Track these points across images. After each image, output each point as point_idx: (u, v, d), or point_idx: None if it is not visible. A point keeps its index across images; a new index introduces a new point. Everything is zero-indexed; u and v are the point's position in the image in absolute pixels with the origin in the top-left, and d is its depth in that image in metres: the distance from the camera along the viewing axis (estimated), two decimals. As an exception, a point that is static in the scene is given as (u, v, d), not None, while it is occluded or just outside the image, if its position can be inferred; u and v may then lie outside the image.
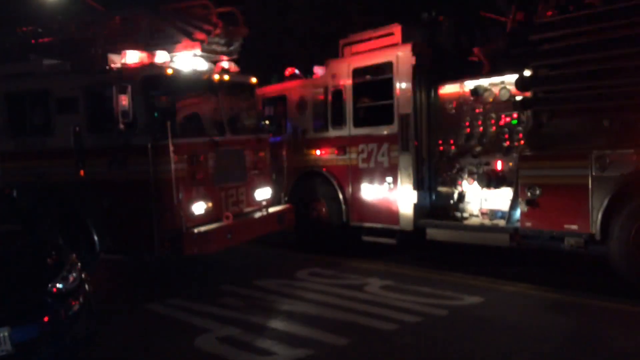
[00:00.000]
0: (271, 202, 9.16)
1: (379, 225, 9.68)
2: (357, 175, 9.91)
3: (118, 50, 7.77)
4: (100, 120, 7.89)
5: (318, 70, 10.78)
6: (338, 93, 10.14)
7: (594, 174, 7.27)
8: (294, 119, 10.70)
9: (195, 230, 7.54)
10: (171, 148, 7.30)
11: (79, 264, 5.58)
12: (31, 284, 5.03)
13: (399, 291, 7.44)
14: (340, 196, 10.09)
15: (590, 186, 7.29)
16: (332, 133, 10.22)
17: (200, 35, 8.11)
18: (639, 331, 5.85)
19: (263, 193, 9.04)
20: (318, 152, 10.43)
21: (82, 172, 7.90)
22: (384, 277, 8.16)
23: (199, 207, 7.78)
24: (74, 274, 5.35)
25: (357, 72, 9.90)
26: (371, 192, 9.74)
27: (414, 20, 9.80)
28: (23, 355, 4.57)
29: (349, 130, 10.00)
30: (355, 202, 9.95)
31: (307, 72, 11.04)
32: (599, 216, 7.22)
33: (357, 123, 9.92)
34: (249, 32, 8.89)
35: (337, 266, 8.96)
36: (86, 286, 5.45)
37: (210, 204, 7.94)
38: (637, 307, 6.50)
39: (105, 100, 7.60)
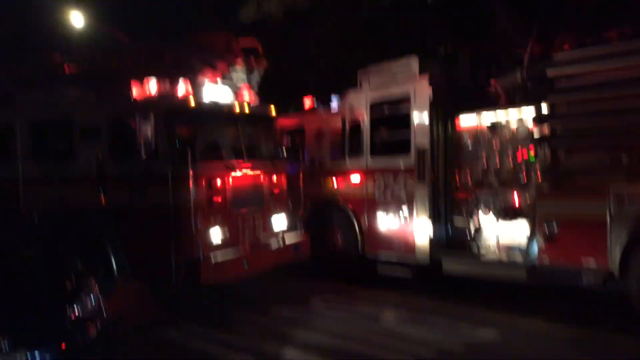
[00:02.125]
0: (288, 231, 9.19)
1: (394, 257, 9.66)
2: (373, 206, 9.92)
3: (142, 81, 7.94)
4: (122, 149, 8.03)
5: (335, 101, 10.93)
6: (355, 124, 10.23)
7: (612, 210, 7.21)
8: (312, 149, 10.79)
9: (213, 260, 7.57)
10: (190, 174, 7.39)
11: (98, 289, 5.64)
12: (50, 308, 5.07)
13: (413, 323, 7.45)
14: (356, 227, 10.10)
15: (608, 222, 7.21)
16: (349, 164, 10.28)
17: (222, 66, 8.28)
18: None
19: (280, 221, 9.10)
20: (335, 182, 10.49)
21: (102, 199, 8.02)
22: (400, 307, 8.17)
23: (216, 235, 7.83)
24: (93, 299, 5.41)
25: (375, 104, 9.98)
26: (387, 223, 9.73)
27: (430, 52, 9.90)
28: (42, 380, 4.62)
29: (366, 161, 10.06)
30: (371, 233, 9.95)
31: (325, 103, 11.18)
32: (618, 253, 7.13)
33: (374, 154, 9.97)
34: (269, 64, 9.05)
35: (352, 295, 8.96)
36: (104, 312, 5.50)
37: (227, 233, 7.99)
38: None
39: (127, 129, 7.77)
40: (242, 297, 9.07)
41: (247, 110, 8.65)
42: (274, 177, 9.08)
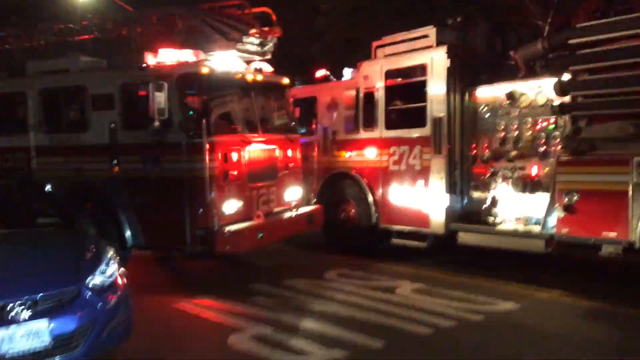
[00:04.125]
0: (301, 203, 9.09)
1: (409, 228, 9.56)
2: (387, 177, 9.81)
3: (154, 49, 7.78)
4: (136, 118, 7.94)
5: (348, 73, 10.76)
6: (370, 95, 10.06)
7: (635, 180, 7.05)
8: (325, 120, 10.65)
9: (227, 229, 7.51)
10: (206, 146, 7.29)
11: (117, 257, 5.57)
12: (70, 277, 5.00)
13: (431, 294, 7.36)
14: (370, 198, 9.99)
15: (631, 193, 7.06)
16: (363, 135, 10.14)
17: (236, 35, 8.11)
18: None
19: (293, 193, 9.00)
20: (348, 153, 10.36)
21: (116, 168, 7.93)
22: (415, 280, 8.06)
23: (231, 206, 7.77)
24: (113, 268, 5.35)
25: (390, 74, 9.81)
26: (402, 194, 9.61)
27: (445, 23, 9.67)
28: (61, 348, 4.56)
29: (380, 132, 9.91)
30: (385, 205, 9.85)
31: (335, 74, 11.01)
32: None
33: (389, 125, 9.83)
34: (282, 33, 8.86)
35: (366, 268, 8.88)
36: (124, 280, 5.44)
37: (241, 203, 7.92)
38: None
39: (141, 98, 7.65)
40: (255, 270, 9.04)
41: (260, 80, 8.50)
42: (289, 150, 8.97)
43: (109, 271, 5.29)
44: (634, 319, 6.43)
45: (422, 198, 9.31)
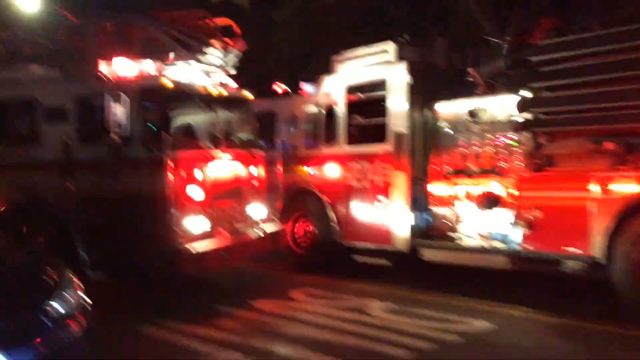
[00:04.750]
0: (266, 220, 8.82)
1: (372, 245, 9.46)
2: (348, 193, 9.68)
3: (110, 59, 7.39)
4: (92, 131, 7.50)
5: (307, 87, 10.63)
6: (330, 110, 9.96)
7: (595, 196, 7.15)
8: (285, 135, 10.45)
9: (192, 249, 7.16)
10: (168, 160, 6.94)
11: (77, 281, 5.16)
12: (26, 303, 4.59)
13: (403, 314, 7.17)
14: (331, 214, 9.84)
15: (592, 209, 7.16)
16: (324, 150, 10.01)
17: (198, 47, 7.81)
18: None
19: (257, 210, 8.72)
20: (309, 169, 10.20)
21: (70, 186, 7.44)
22: (384, 298, 7.88)
23: (194, 224, 7.40)
24: (72, 293, 4.94)
25: (351, 90, 9.75)
26: (364, 211, 9.51)
27: (396, 39, 9.68)
28: (17, 382, 4.14)
29: (341, 147, 9.81)
30: (347, 221, 9.71)
31: (291, 89, 10.88)
32: (602, 239, 7.09)
33: (350, 140, 9.74)
34: (247, 45, 8.62)
35: (332, 287, 8.65)
36: (85, 305, 5.04)
37: (205, 221, 7.58)
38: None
39: (97, 111, 7.24)
40: (219, 290, 8.67)
41: (224, 94, 8.22)
42: (253, 166, 8.68)
43: (68, 296, 4.89)
44: (607, 333, 6.46)
45: (385, 214, 9.23)
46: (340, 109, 9.81)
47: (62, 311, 4.69)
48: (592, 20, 7.96)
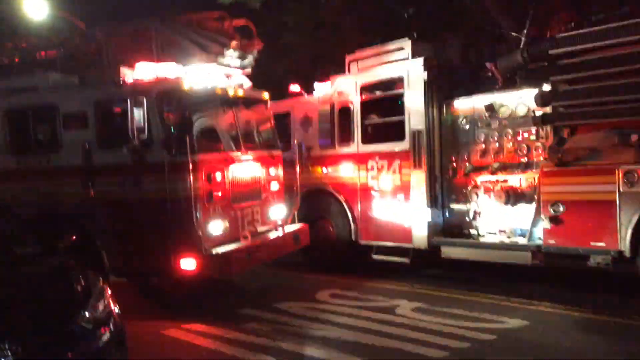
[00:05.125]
0: (285, 221, 8.74)
1: (390, 244, 9.37)
2: (366, 192, 9.61)
3: (129, 64, 7.32)
4: (112, 137, 7.45)
5: (320, 87, 10.56)
6: (345, 109, 9.89)
7: (621, 189, 7.06)
8: (299, 136, 10.37)
9: (215, 252, 7.09)
10: (190, 163, 6.86)
11: (107, 288, 5.11)
12: (59, 313, 4.54)
13: (433, 314, 7.09)
14: (349, 214, 9.79)
15: (618, 202, 7.08)
16: (339, 150, 9.93)
17: (216, 49, 7.74)
18: None
19: (278, 211, 8.65)
20: (324, 169, 10.12)
21: (91, 191, 7.37)
22: (411, 298, 7.81)
23: (217, 227, 7.34)
24: (104, 301, 4.92)
25: (365, 88, 9.68)
26: (382, 210, 9.44)
27: (417, 36, 9.60)
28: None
29: (357, 147, 9.73)
30: (364, 220, 9.65)
31: (305, 91, 10.81)
32: (629, 233, 7.00)
33: (366, 140, 9.67)
34: (263, 45, 8.54)
35: (357, 287, 8.59)
36: (116, 312, 5.00)
37: (227, 224, 7.52)
38: None
39: (117, 116, 7.20)
40: (243, 293, 8.62)
41: (242, 95, 8.16)
42: (272, 167, 8.63)
43: (100, 305, 4.86)
44: (636, 329, 6.39)
45: (403, 213, 9.15)
46: (355, 108, 9.73)
47: (94, 321, 4.66)
48: (608, 12, 7.89)
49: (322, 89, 10.33)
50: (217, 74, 8.08)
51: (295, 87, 10.79)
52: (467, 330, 6.39)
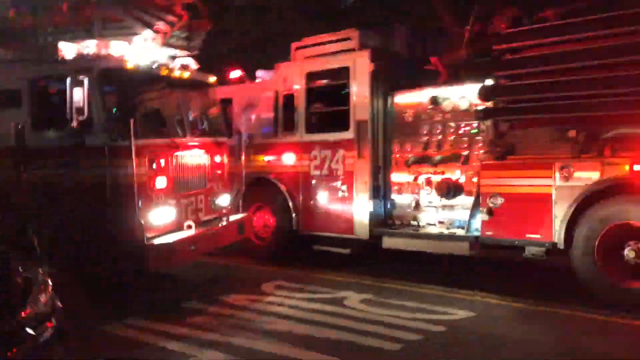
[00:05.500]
0: (230, 211, 8.52)
1: (332, 234, 9.37)
2: (308, 182, 9.57)
3: (68, 40, 6.86)
4: (48, 117, 6.97)
5: (263, 74, 10.37)
6: (289, 97, 9.78)
7: (557, 183, 7.31)
8: (241, 123, 10.12)
9: (158, 242, 6.79)
10: (133, 147, 6.52)
11: (49, 281, 4.76)
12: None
13: (382, 306, 7.06)
14: (290, 204, 9.70)
15: (553, 196, 7.33)
16: (282, 139, 9.82)
17: (163, 28, 7.38)
18: (614, 339, 5.93)
19: (222, 200, 8.41)
20: (266, 157, 9.96)
21: (23, 175, 6.88)
22: (358, 290, 7.78)
23: (160, 216, 7.05)
24: (46, 294, 4.56)
25: (311, 77, 9.60)
26: (324, 200, 9.43)
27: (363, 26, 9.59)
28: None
29: (301, 135, 9.63)
30: (306, 211, 9.60)
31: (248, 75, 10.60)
32: (563, 226, 7.26)
33: (310, 129, 9.60)
34: (213, 25, 8.24)
35: (302, 279, 8.48)
36: (59, 306, 4.66)
37: (171, 212, 7.23)
38: (605, 316, 6.58)
39: (54, 95, 6.71)
40: (185, 285, 8.33)
41: (188, 77, 7.86)
42: (217, 154, 8.36)
43: (43, 298, 4.50)
44: (580, 319, 6.59)
45: (346, 203, 9.18)
46: (300, 96, 9.63)
47: (37, 316, 4.32)
48: (551, 10, 8.11)
49: (266, 76, 10.14)
50: (162, 54, 7.71)
51: (236, 73, 10.53)
52: (418, 322, 6.40)
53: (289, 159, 9.77)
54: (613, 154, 7.06)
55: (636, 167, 6.82)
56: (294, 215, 9.68)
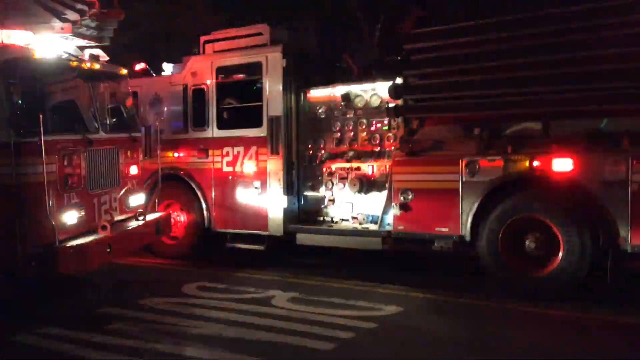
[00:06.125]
0: (145, 210, 8.16)
1: (246, 231, 9.29)
2: (221, 179, 9.44)
3: (-36, 28, 6.25)
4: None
5: (169, 68, 10.05)
6: (199, 92, 9.56)
7: (464, 179, 7.61)
8: (147, 117, 9.73)
9: (70, 245, 6.38)
10: (42, 144, 6.06)
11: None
12: None
13: (311, 304, 7.04)
14: (202, 201, 9.50)
15: (460, 191, 7.64)
16: (193, 134, 9.61)
17: (72, 16, 6.89)
18: (533, 329, 6.22)
19: (136, 199, 8.04)
20: (176, 154, 9.68)
21: None
22: (284, 288, 7.71)
23: (72, 216, 6.64)
24: None
25: (222, 71, 9.46)
26: (237, 196, 9.34)
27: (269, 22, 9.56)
28: None
29: (212, 131, 9.47)
30: (219, 208, 9.47)
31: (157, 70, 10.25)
32: (469, 219, 7.57)
33: (221, 125, 9.45)
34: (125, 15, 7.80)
35: (225, 279, 8.30)
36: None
37: (83, 212, 6.82)
38: (519, 305, 6.88)
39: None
40: (99, 289, 7.90)
41: (99, 69, 7.44)
42: (131, 150, 8.00)
43: None
44: (494, 309, 6.85)
45: (259, 200, 9.14)
46: (211, 91, 9.46)
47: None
48: (458, 11, 8.46)
49: (173, 69, 9.82)
50: (71, 44, 7.23)
51: (140, 65, 10.11)
52: (348, 320, 6.40)
53: (200, 155, 9.55)
54: (515, 151, 7.37)
55: (536, 163, 7.20)
56: (206, 212, 9.50)
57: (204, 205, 9.51)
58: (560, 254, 7.05)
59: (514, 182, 7.41)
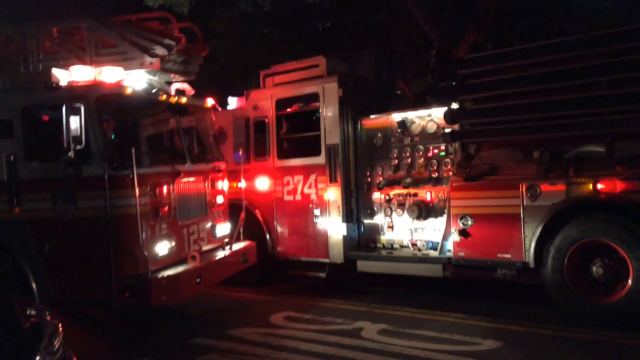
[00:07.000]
0: (231, 239, 8.38)
1: (307, 259, 9.45)
2: (282, 207, 9.65)
3: (61, 66, 6.56)
4: (42, 147, 6.66)
5: (234, 102, 10.36)
6: (260, 124, 9.84)
7: (525, 203, 7.52)
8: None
9: (162, 276, 6.58)
10: (135, 177, 6.32)
11: (59, 325, 4.29)
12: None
13: (402, 336, 6.83)
14: (265, 230, 9.72)
15: (522, 215, 7.54)
16: (255, 165, 9.82)
17: (159, 52, 7.20)
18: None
19: (223, 228, 8.28)
20: (239, 184, 9.90)
21: (17, 209, 6.45)
22: (373, 319, 7.59)
23: (163, 247, 6.85)
24: (59, 341, 4.01)
25: (281, 103, 9.72)
26: (298, 225, 9.50)
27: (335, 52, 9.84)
28: None
29: (273, 161, 9.71)
30: (281, 236, 9.66)
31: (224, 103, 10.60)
32: (533, 245, 7.42)
33: (282, 154, 9.71)
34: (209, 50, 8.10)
35: (311, 309, 8.31)
36: (69, 352, 4.24)
37: (173, 243, 7.04)
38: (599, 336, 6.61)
39: (48, 123, 6.39)
40: (188, 321, 7.88)
41: (185, 102, 7.71)
42: (217, 180, 8.27)
43: (56, 343, 3.92)
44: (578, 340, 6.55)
45: (320, 227, 9.30)
46: (271, 123, 9.74)
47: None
48: (511, 36, 8.63)
49: (237, 103, 10.14)
50: (159, 79, 7.55)
51: (210, 101, 10.44)
52: (445, 355, 6.15)
53: (262, 185, 9.82)
54: (577, 174, 7.28)
55: (600, 186, 7.11)
56: (269, 241, 9.72)
57: (266, 234, 9.71)
58: (630, 280, 6.86)
59: (577, 206, 7.29)
